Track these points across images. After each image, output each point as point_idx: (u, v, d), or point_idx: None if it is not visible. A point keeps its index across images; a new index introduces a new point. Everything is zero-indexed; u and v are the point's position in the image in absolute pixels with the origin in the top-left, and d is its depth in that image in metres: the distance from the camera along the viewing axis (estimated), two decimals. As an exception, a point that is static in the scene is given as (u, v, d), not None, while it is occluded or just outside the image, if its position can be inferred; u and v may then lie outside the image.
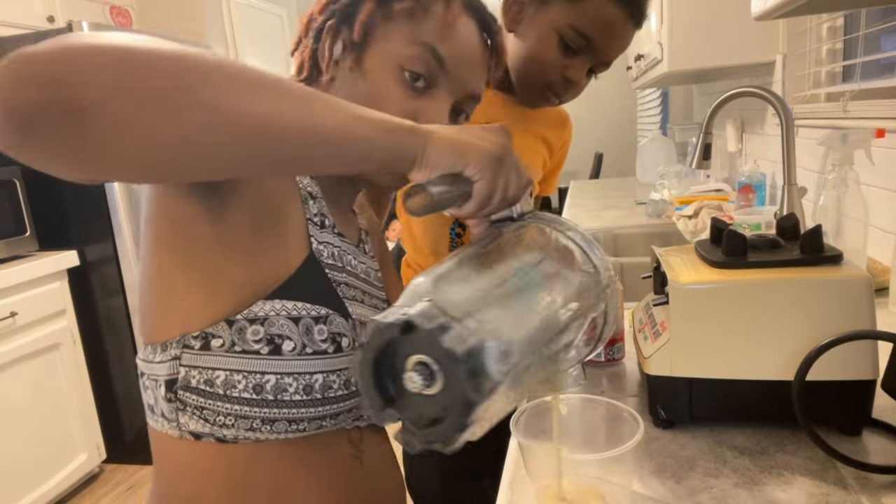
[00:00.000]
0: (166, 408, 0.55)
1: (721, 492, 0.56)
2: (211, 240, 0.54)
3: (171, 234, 0.55)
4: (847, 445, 0.61)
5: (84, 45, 0.36)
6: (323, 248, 0.60)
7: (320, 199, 0.63)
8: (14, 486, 2.11)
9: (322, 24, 0.64)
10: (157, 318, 0.56)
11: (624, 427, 0.56)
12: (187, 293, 0.55)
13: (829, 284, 0.62)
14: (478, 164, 0.49)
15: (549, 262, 0.52)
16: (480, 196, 0.50)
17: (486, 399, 0.40)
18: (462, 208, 0.51)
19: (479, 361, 0.40)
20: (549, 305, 0.49)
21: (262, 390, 0.54)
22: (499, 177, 0.50)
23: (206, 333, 0.54)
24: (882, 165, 1.20)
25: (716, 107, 1.30)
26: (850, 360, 0.61)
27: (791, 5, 0.85)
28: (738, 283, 0.63)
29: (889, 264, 1.11)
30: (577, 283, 0.51)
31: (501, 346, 0.41)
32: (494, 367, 0.41)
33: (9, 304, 2.10)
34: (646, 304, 0.78)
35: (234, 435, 0.54)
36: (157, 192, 0.55)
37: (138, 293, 0.58)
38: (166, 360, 0.54)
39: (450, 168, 0.48)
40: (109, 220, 2.42)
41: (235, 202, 0.55)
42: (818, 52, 1.69)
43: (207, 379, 0.53)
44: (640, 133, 4.38)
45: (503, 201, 0.52)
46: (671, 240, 1.95)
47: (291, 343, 0.55)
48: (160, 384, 0.55)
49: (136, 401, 2.56)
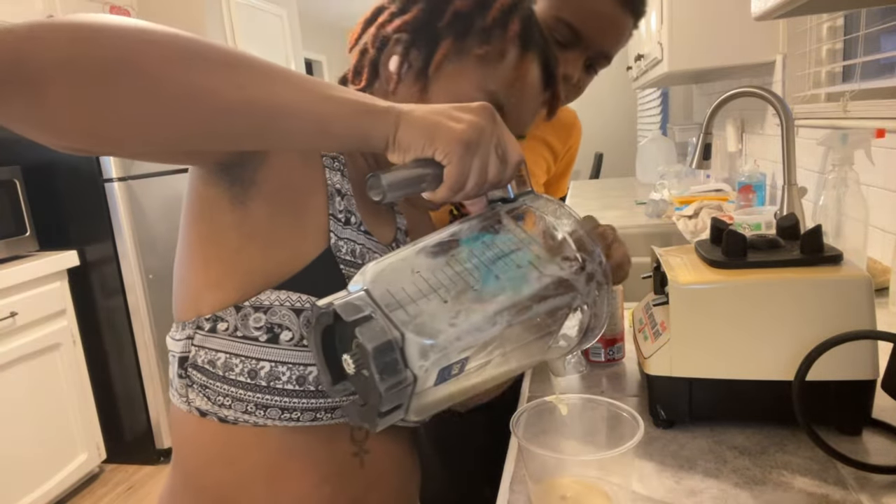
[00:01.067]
0: (178, 383, 0.58)
1: (721, 492, 0.56)
2: (231, 224, 0.56)
3: (199, 214, 0.57)
4: (847, 445, 0.60)
5: (48, 22, 0.39)
6: (343, 244, 0.60)
7: (350, 196, 0.63)
8: (14, 486, 2.11)
9: (390, 35, 0.64)
10: (180, 296, 0.60)
11: (624, 427, 0.56)
12: (204, 272, 0.57)
13: (829, 284, 0.62)
14: (446, 146, 0.48)
15: (524, 252, 0.51)
16: (450, 180, 0.49)
17: (399, 392, 0.41)
18: (435, 193, 0.50)
19: (392, 357, 0.40)
20: (509, 298, 0.47)
21: (256, 376, 0.55)
22: (471, 159, 0.49)
23: (216, 317, 0.56)
24: (882, 165, 1.20)
25: (716, 107, 1.30)
26: (850, 360, 0.61)
27: (791, 5, 0.85)
28: (738, 283, 0.63)
29: (889, 264, 1.11)
30: (557, 274, 0.50)
31: (425, 342, 0.41)
32: (415, 363, 0.41)
33: (9, 304, 2.10)
34: (646, 304, 0.78)
35: (234, 417, 0.56)
36: (192, 173, 0.58)
37: (174, 272, 0.62)
38: (182, 339, 0.58)
39: (420, 150, 0.48)
40: (109, 220, 2.42)
41: (256, 191, 0.56)
42: (818, 52, 1.69)
43: (210, 360, 0.56)
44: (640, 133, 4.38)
45: (480, 185, 0.50)
46: (671, 240, 1.95)
47: (290, 333, 0.56)
48: (175, 360, 0.58)
49: (136, 401, 2.57)
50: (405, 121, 0.48)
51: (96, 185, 2.40)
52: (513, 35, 0.62)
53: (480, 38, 0.62)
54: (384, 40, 0.64)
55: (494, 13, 0.62)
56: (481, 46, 0.62)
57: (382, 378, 0.40)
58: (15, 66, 0.38)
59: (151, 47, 0.40)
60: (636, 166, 3.23)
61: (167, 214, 2.62)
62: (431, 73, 0.62)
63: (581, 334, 0.54)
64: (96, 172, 2.39)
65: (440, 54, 0.61)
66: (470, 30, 0.62)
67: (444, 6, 0.62)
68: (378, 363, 0.40)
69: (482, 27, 0.62)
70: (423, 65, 0.62)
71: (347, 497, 0.62)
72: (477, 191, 0.51)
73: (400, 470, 0.68)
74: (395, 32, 0.63)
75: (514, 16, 0.63)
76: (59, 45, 0.38)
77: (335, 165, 0.62)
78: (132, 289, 2.46)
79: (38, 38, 0.38)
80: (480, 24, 0.62)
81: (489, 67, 0.62)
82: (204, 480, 0.60)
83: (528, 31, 0.64)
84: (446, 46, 0.61)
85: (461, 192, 0.50)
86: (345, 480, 0.61)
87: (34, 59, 0.38)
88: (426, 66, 0.62)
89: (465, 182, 0.49)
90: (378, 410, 0.41)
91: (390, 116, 0.48)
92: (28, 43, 0.38)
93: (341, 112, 0.47)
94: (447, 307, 0.45)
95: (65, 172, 2.42)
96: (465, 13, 0.62)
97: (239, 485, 0.58)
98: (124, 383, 2.56)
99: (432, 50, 0.62)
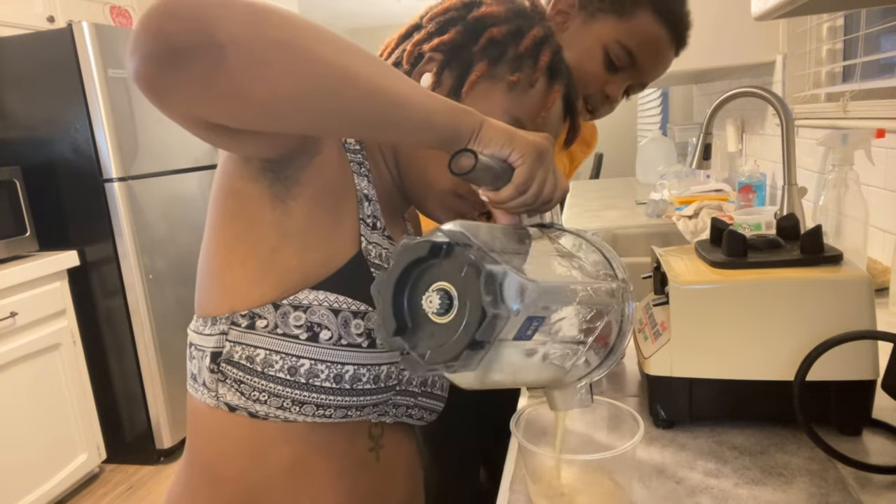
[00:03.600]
0: (208, 378, 0.58)
1: (721, 492, 0.56)
2: (270, 222, 0.57)
3: (236, 211, 0.58)
4: (847, 445, 0.60)
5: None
6: (372, 247, 0.62)
7: (375, 202, 0.64)
8: (14, 486, 2.11)
9: (425, 52, 0.66)
10: (210, 291, 0.60)
11: (624, 427, 0.56)
12: (241, 269, 0.58)
13: (829, 284, 0.62)
14: (522, 150, 0.53)
15: (573, 258, 0.55)
16: (519, 180, 0.53)
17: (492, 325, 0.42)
18: (500, 191, 0.54)
19: (496, 284, 0.43)
20: (567, 278, 0.51)
21: (295, 373, 0.57)
22: (539, 167, 0.54)
23: (254, 314, 0.57)
24: (882, 165, 1.20)
25: (716, 107, 1.30)
26: (850, 360, 0.61)
27: (791, 5, 0.85)
28: (738, 284, 0.63)
29: (889, 264, 1.11)
30: (598, 282, 0.53)
31: (521, 281, 0.44)
32: (511, 302, 0.42)
33: (9, 304, 2.10)
34: (646, 304, 0.78)
35: (266, 412, 0.58)
36: (227, 170, 0.59)
37: (198, 267, 0.62)
38: (215, 334, 0.58)
39: (498, 147, 0.53)
40: (109, 220, 2.42)
41: (297, 191, 0.57)
42: (818, 53, 1.69)
43: (248, 356, 0.57)
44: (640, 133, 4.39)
45: (538, 195, 0.55)
46: (671, 240, 1.95)
47: (329, 332, 0.58)
48: (206, 355, 0.59)
49: (136, 401, 2.57)
50: (488, 123, 0.53)
51: (96, 185, 2.40)
52: (542, 66, 0.65)
53: (512, 66, 0.65)
54: (419, 57, 0.66)
55: (527, 43, 0.65)
56: (513, 73, 0.65)
57: (492, 302, 0.42)
58: (205, 28, 0.40)
59: (310, 31, 0.44)
60: (636, 166, 3.23)
61: (167, 214, 2.62)
62: (463, 94, 0.65)
63: (604, 351, 0.54)
64: (96, 172, 2.39)
65: (473, 76, 0.64)
66: (503, 56, 0.65)
67: (480, 31, 0.65)
68: (487, 287, 0.42)
69: (515, 55, 0.65)
70: (455, 85, 0.65)
71: (365, 489, 0.64)
72: (533, 200, 0.55)
73: (410, 463, 0.71)
74: (430, 51, 0.66)
75: (546, 48, 0.66)
76: (243, 19, 0.41)
77: (362, 171, 0.64)
78: (132, 289, 2.46)
79: (220, 8, 0.41)
80: (513, 53, 0.65)
81: (517, 94, 0.65)
82: (225, 473, 0.61)
83: (557, 64, 0.67)
84: (479, 70, 0.64)
85: (522, 196, 0.54)
86: (362, 474, 0.64)
87: (220, 28, 0.40)
88: (458, 86, 0.65)
89: (529, 186, 0.54)
90: (470, 338, 0.43)
91: (476, 116, 0.53)
92: (212, 11, 0.41)
93: (443, 108, 0.51)
94: (529, 269, 0.48)
95: (65, 172, 2.42)
96: (500, 40, 0.65)
97: (262, 477, 0.60)
98: (124, 383, 2.56)
99: (465, 72, 0.65)
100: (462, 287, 0.44)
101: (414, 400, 0.66)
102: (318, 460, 0.61)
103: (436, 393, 0.69)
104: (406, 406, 0.66)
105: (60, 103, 2.37)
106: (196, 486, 0.63)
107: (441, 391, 0.70)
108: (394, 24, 8.12)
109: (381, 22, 6.26)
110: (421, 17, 0.69)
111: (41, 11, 2.67)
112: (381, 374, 0.60)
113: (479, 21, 0.65)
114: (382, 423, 0.66)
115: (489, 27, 0.65)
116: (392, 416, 0.65)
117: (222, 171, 0.59)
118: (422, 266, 0.47)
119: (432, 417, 0.70)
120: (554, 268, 0.52)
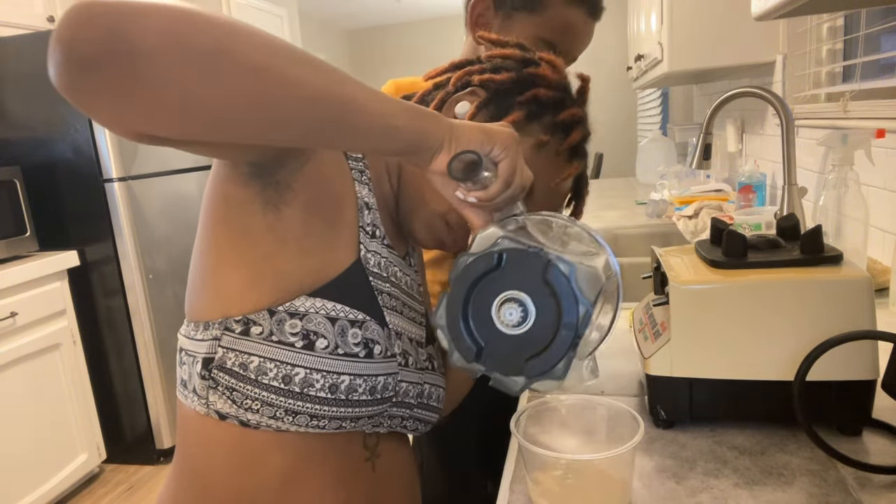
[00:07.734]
0: (199, 384, 0.57)
1: (721, 492, 0.56)
2: (263, 228, 0.56)
3: (227, 216, 0.57)
4: (847, 445, 0.61)
5: (145, 2, 0.39)
6: (371, 256, 0.62)
7: (375, 210, 0.64)
8: (14, 486, 2.11)
9: (474, 83, 0.68)
10: (202, 296, 0.59)
11: (624, 427, 0.56)
12: (235, 274, 0.57)
13: (829, 284, 0.62)
14: (503, 143, 0.53)
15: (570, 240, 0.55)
16: (506, 173, 0.53)
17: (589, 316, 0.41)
18: (488, 189, 0.54)
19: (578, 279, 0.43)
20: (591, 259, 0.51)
21: (290, 381, 0.55)
22: (518, 157, 0.54)
23: (248, 319, 0.56)
24: (882, 165, 1.20)
25: (716, 107, 1.30)
26: (850, 360, 0.61)
27: (791, 5, 0.85)
28: (738, 284, 0.63)
29: (889, 264, 1.11)
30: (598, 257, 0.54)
31: (589, 271, 0.44)
32: (588, 287, 0.43)
33: (9, 304, 2.10)
34: (646, 304, 0.78)
35: (258, 421, 0.56)
36: (218, 174, 0.58)
37: (189, 270, 0.61)
38: (207, 339, 0.57)
39: (479, 144, 0.52)
40: (109, 220, 2.42)
41: (291, 197, 0.57)
42: (818, 53, 1.69)
43: (242, 363, 0.55)
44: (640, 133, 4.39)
45: (521, 185, 0.55)
46: (671, 240, 1.95)
47: (325, 341, 0.57)
48: (197, 361, 0.57)
49: (136, 401, 2.57)
50: (459, 124, 0.53)
51: (96, 185, 2.40)
52: (572, 141, 0.69)
53: (544, 129, 0.67)
54: (465, 84, 0.68)
55: (565, 116, 0.68)
56: (544, 135, 0.67)
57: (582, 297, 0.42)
58: (117, 37, 0.37)
59: (242, 36, 0.41)
60: (636, 166, 3.23)
61: (167, 214, 2.62)
62: None
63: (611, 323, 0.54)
64: (96, 172, 2.39)
65: (508, 121, 0.65)
66: (540, 117, 0.67)
67: (528, 86, 0.67)
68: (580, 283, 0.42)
69: (551, 122, 0.67)
70: (487, 121, 0.65)
71: (361, 498, 0.63)
72: (519, 192, 0.55)
73: (405, 472, 0.70)
74: (479, 84, 0.67)
75: (578, 128, 0.69)
76: (162, 26, 0.38)
77: (363, 179, 0.64)
78: (132, 289, 2.46)
79: (139, 13, 0.38)
80: (550, 119, 0.67)
81: (540, 156, 0.67)
82: (214, 482, 0.60)
83: (581, 146, 0.71)
84: (515, 118, 0.66)
85: (509, 189, 0.54)
86: (359, 484, 0.63)
87: (133, 36, 0.38)
88: None
89: (514, 178, 0.54)
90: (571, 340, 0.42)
91: (444, 120, 0.52)
92: (130, 18, 0.38)
93: (403, 112, 0.49)
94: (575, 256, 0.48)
95: (65, 172, 2.42)
96: (543, 102, 0.67)
97: (254, 487, 0.59)
98: (124, 383, 2.56)
99: (503, 115, 0.66)
100: (539, 291, 0.43)
101: (409, 412, 0.65)
102: (312, 470, 0.60)
103: (431, 405, 0.68)
104: (401, 417, 0.65)
105: (60, 103, 2.37)
106: (186, 494, 0.62)
107: (437, 402, 0.69)
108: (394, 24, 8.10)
109: (381, 22, 6.25)
110: (478, 56, 0.72)
111: (41, 11, 2.67)
112: (377, 386, 0.59)
113: (531, 77, 0.67)
114: (377, 433, 0.65)
115: (538, 86, 0.67)
116: (387, 427, 0.64)
117: (214, 175, 0.59)
118: (479, 283, 0.46)
119: (427, 428, 0.70)
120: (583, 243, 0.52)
